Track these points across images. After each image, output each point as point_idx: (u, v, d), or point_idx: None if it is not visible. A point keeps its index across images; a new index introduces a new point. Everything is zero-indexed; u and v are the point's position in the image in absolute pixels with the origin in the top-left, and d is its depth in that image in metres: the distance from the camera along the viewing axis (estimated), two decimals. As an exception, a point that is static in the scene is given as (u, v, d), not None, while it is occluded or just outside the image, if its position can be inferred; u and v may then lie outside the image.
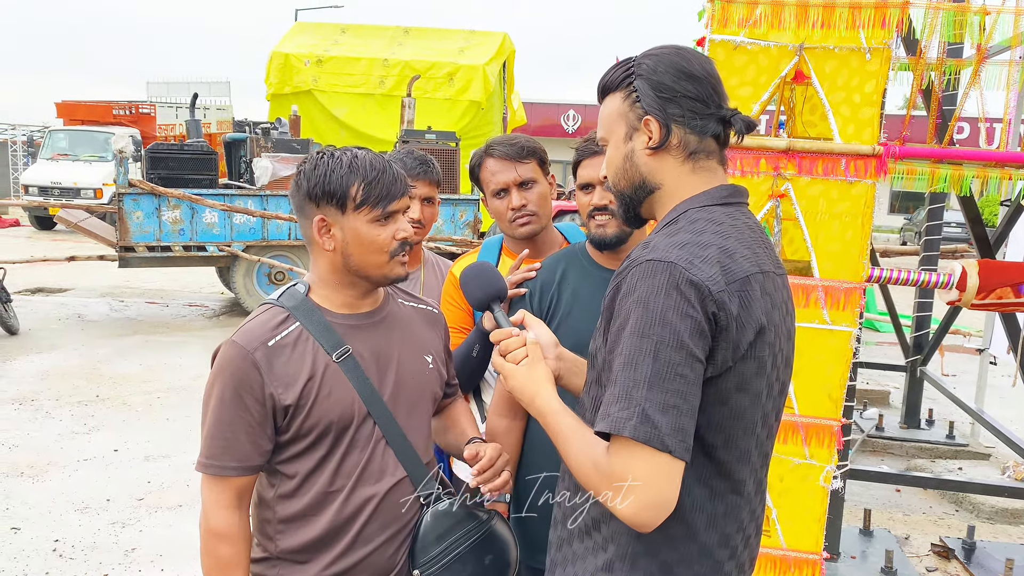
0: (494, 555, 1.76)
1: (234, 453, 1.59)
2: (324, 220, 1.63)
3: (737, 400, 1.29)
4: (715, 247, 1.28)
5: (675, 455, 1.20)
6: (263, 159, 9.61)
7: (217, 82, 22.51)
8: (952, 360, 7.70)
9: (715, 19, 2.72)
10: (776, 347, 1.33)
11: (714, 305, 1.23)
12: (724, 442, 1.30)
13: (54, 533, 4.12)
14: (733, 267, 1.27)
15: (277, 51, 13.89)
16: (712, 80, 1.38)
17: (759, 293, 1.29)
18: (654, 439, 1.19)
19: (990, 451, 5.78)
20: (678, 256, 1.25)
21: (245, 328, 1.64)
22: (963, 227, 16.86)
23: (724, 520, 1.35)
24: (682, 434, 1.21)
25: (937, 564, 4.12)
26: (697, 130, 1.37)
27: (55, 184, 16.59)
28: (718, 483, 1.33)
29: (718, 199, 1.38)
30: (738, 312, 1.25)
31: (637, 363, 1.22)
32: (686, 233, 1.30)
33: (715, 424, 1.29)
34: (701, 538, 1.33)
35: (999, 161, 2.93)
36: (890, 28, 2.64)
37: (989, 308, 3.14)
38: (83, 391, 6.56)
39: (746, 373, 1.28)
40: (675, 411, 1.20)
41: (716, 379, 1.27)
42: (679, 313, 1.21)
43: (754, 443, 1.35)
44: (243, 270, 9.46)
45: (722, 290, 1.24)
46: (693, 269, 1.23)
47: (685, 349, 1.21)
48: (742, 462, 1.34)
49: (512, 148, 2.19)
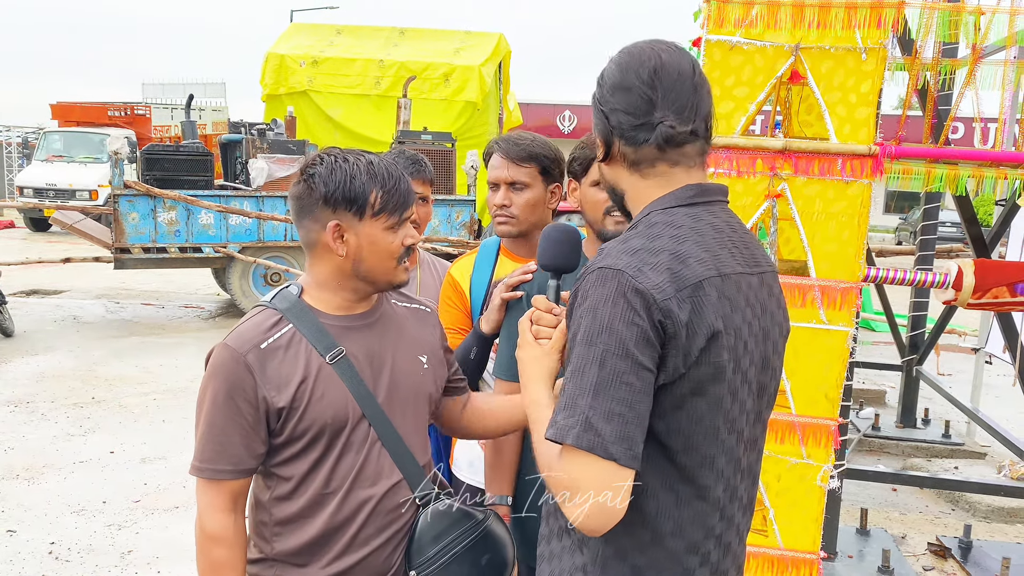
0: (491, 555, 1.75)
1: (228, 456, 1.59)
2: (339, 226, 1.61)
3: (693, 405, 1.28)
4: (667, 252, 1.28)
5: (620, 463, 1.20)
6: (259, 160, 9.59)
7: (212, 83, 22.50)
8: (948, 359, 7.72)
9: (711, 19, 2.72)
10: (739, 350, 1.31)
11: (660, 313, 1.23)
12: (684, 447, 1.29)
13: (50, 536, 4.11)
14: (685, 273, 1.26)
15: (273, 52, 13.87)
16: (643, 87, 1.34)
17: (715, 298, 1.28)
18: (597, 447, 1.20)
19: (986, 450, 5.79)
20: (627, 263, 1.25)
21: (238, 331, 1.63)
22: (958, 226, 16.90)
23: (691, 526, 1.33)
24: (628, 442, 1.20)
25: (934, 563, 4.13)
26: (630, 142, 1.37)
27: (50, 186, 16.55)
28: (682, 488, 1.32)
29: (683, 200, 1.36)
30: (688, 318, 1.24)
31: (584, 371, 1.23)
32: (640, 239, 1.31)
33: (674, 430, 1.28)
34: (668, 544, 1.32)
35: (994, 161, 2.94)
36: (886, 28, 2.64)
37: (985, 308, 3.15)
38: (79, 393, 6.54)
39: (701, 378, 1.27)
40: (620, 419, 1.20)
41: (670, 385, 1.26)
42: (625, 321, 1.22)
43: (719, 449, 1.33)
44: (239, 271, 9.45)
45: (668, 298, 1.23)
46: (640, 277, 1.24)
47: (631, 357, 1.21)
48: (705, 467, 1.32)
49: (514, 148, 2.19)
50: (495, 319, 2.06)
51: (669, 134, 1.34)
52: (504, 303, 2.04)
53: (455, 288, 2.27)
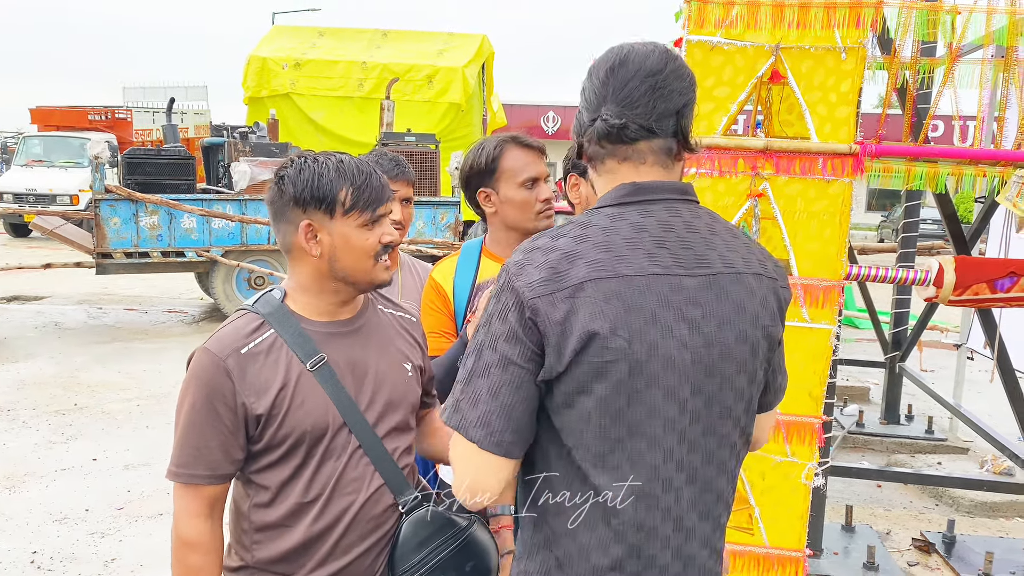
0: (475, 562, 1.74)
1: (205, 461, 1.58)
2: (311, 225, 1.61)
3: (580, 403, 1.27)
4: (560, 252, 1.29)
5: (480, 447, 1.28)
6: (241, 163, 9.54)
7: (194, 86, 22.35)
8: (931, 356, 7.78)
9: (692, 20, 2.73)
10: (639, 353, 1.26)
11: (530, 311, 1.26)
12: (575, 444, 1.30)
13: (32, 544, 4.07)
14: (569, 272, 1.26)
15: (255, 55, 13.81)
16: (599, 84, 1.36)
17: (598, 299, 1.25)
18: (461, 428, 1.30)
19: (969, 445, 5.84)
20: (516, 261, 1.32)
21: (218, 335, 1.62)
22: (939, 224, 17.03)
23: (599, 525, 1.31)
24: (488, 428, 1.28)
25: (918, 558, 4.15)
26: (587, 137, 1.39)
27: (30, 191, 16.38)
28: (581, 486, 1.31)
29: (612, 200, 1.35)
30: (563, 318, 1.25)
31: (467, 359, 1.33)
32: (547, 237, 1.34)
33: (565, 427, 1.30)
34: (579, 538, 1.33)
35: (973, 158, 2.96)
36: (865, 28, 2.66)
37: (966, 304, 3.18)
38: (60, 400, 6.48)
39: (582, 377, 1.26)
40: (483, 406, 1.28)
41: (555, 382, 1.28)
42: (500, 317, 1.29)
43: (612, 449, 1.28)
44: (222, 275, 9.39)
45: (537, 296, 1.26)
46: (521, 275, 1.29)
47: (499, 352, 1.28)
48: (596, 467, 1.29)
49: (537, 143, 2.22)
50: None
51: (602, 128, 1.35)
52: None
53: (438, 291, 2.25)
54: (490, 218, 2.25)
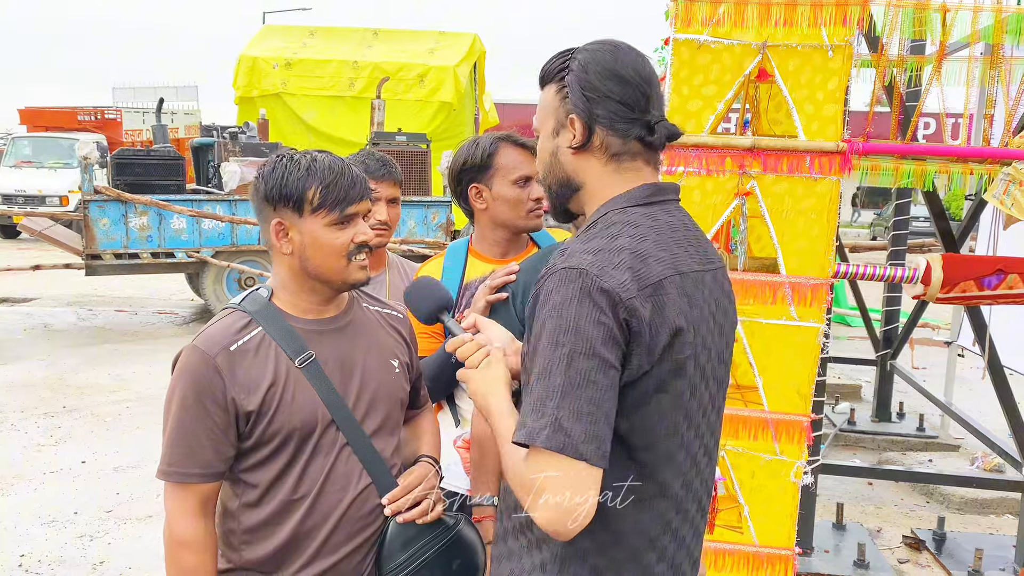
0: (461, 560, 1.74)
1: (197, 460, 1.57)
2: (281, 223, 1.61)
3: (657, 401, 1.28)
4: (628, 252, 1.27)
5: (591, 463, 1.20)
6: (231, 163, 9.50)
7: (184, 86, 22.28)
8: (921, 353, 7.79)
9: (679, 18, 2.72)
10: (699, 346, 1.32)
11: (625, 312, 1.23)
12: (646, 445, 1.30)
13: (20, 548, 4.04)
14: (645, 272, 1.26)
15: (245, 54, 13.77)
16: (641, 83, 1.35)
17: (675, 295, 1.28)
18: (568, 448, 1.19)
19: (959, 443, 5.86)
20: (590, 263, 1.25)
21: (207, 333, 1.62)
22: (930, 221, 17.09)
23: (651, 524, 1.33)
24: (597, 441, 1.21)
25: (909, 556, 4.16)
26: (620, 133, 1.36)
27: (19, 192, 16.28)
28: (642, 487, 1.31)
29: (639, 199, 1.36)
30: (651, 317, 1.25)
31: (551, 372, 1.22)
32: (601, 239, 1.30)
33: (636, 427, 1.28)
34: (628, 542, 1.32)
35: (960, 156, 2.97)
36: (851, 25, 2.66)
37: (954, 301, 3.18)
38: (49, 402, 6.44)
39: (663, 375, 1.28)
40: (589, 418, 1.20)
41: (634, 383, 1.27)
42: (591, 321, 1.22)
43: (678, 444, 1.33)
44: (213, 276, 9.35)
45: (633, 296, 1.24)
46: (604, 276, 1.23)
47: (598, 356, 1.21)
48: (665, 464, 1.32)
49: (530, 143, 2.21)
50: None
51: (674, 132, 1.37)
52: (489, 305, 2.03)
53: None
54: (479, 215, 2.24)
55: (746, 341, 2.76)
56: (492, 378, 1.43)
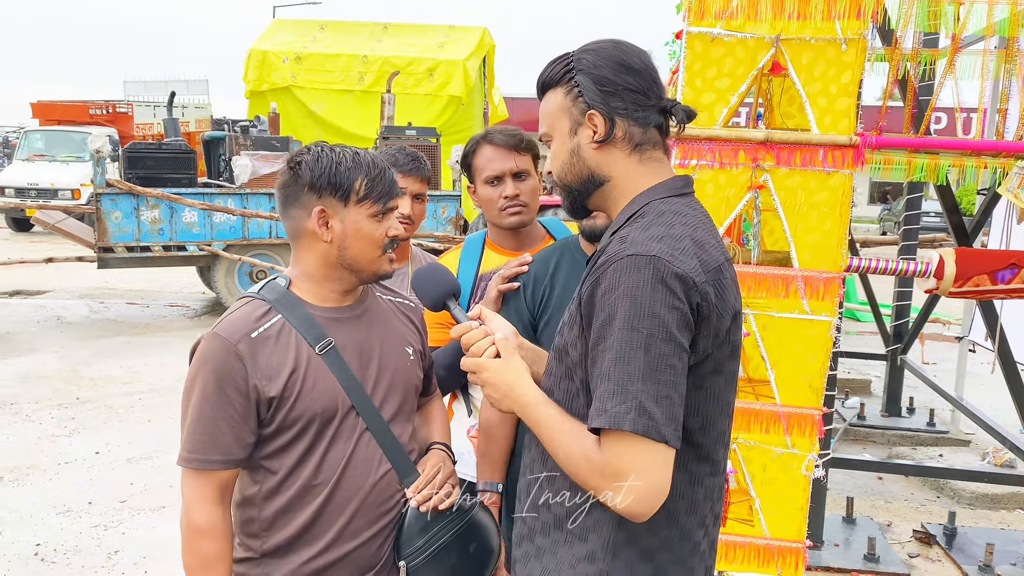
0: (478, 543, 1.78)
1: (217, 446, 1.58)
2: (324, 211, 1.63)
3: (713, 383, 1.33)
4: (688, 239, 1.31)
5: (670, 444, 1.24)
6: (242, 157, 9.54)
7: (195, 80, 22.31)
8: (932, 348, 7.78)
9: (692, 11, 2.72)
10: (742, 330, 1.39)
11: (698, 296, 1.27)
12: (702, 425, 1.34)
13: (36, 537, 4.08)
14: (707, 258, 1.31)
15: (256, 48, 13.80)
16: (651, 72, 1.40)
17: (730, 280, 1.35)
18: (652, 431, 1.22)
19: (970, 437, 5.85)
20: (659, 249, 1.27)
21: (227, 320, 1.63)
22: (941, 216, 17.00)
23: (703, 502, 1.38)
24: (676, 423, 1.25)
25: (919, 550, 4.16)
26: (640, 122, 1.39)
27: (32, 185, 16.38)
28: (697, 467, 1.36)
29: (675, 190, 1.40)
30: (716, 301, 1.30)
31: (629, 357, 1.24)
32: (658, 226, 1.32)
33: (693, 409, 1.32)
34: (682, 522, 1.36)
35: (974, 150, 2.96)
36: (865, 19, 2.65)
37: (967, 296, 3.18)
38: (63, 394, 6.49)
39: (721, 357, 1.33)
40: (668, 401, 1.24)
41: (696, 366, 1.31)
42: (667, 306, 1.24)
43: (727, 424, 1.40)
44: (224, 269, 9.40)
45: (704, 281, 1.28)
46: (676, 262, 1.26)
47: (674, 341, 1.24)
48: (719, 443, 1.38)
49: (512, 138, 2.22)
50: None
51: (690, 112, 1.40)
52: (501, 294, 2.05)
53: None
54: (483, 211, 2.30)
55: (759, 335, 2.77)
56: (515, 368, 1.44)
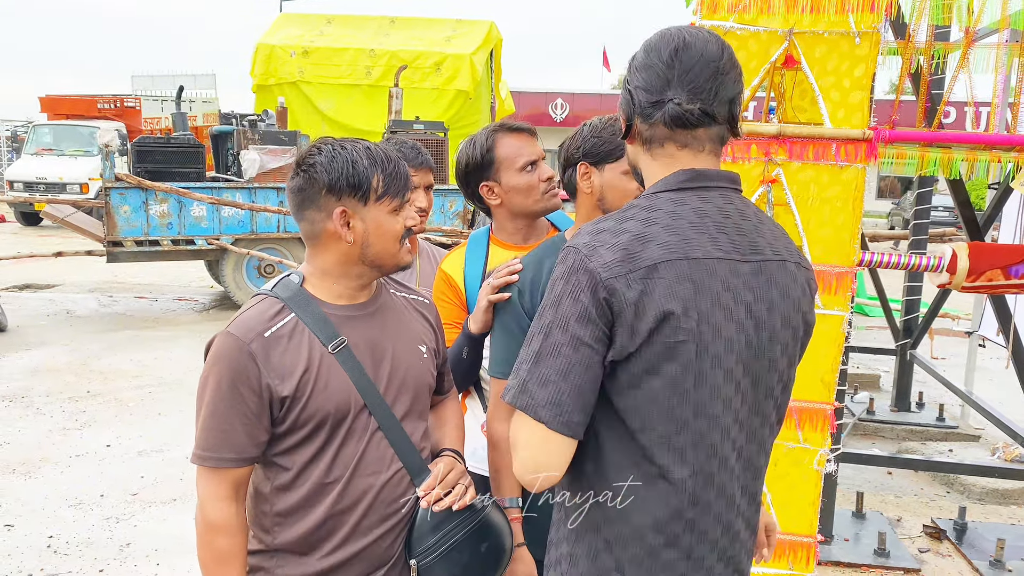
0: (489, 543, 1.76)
1: (231, 445, 1.59)
2: (346, 212, 1.62)
3: (649, 384, 1.30)
4: (631, 234, 1.31)
5: (549, 427, 1.29)
6: (250, 151, 9.55)
7: (203, 74, 22.32)
8: (941, 343, 7.76)
9: (704, 5, 2.71)
10: (706, 334, 1.29)
11: (604, 291, 1.27)
12: (641, 426, 1.32)
13: (48, 529, 4.11)
14: (642, 254, 1.29)
15: (263, 43, 13.80)
16: (662, 67, 1.36)
17: (671, 279, 1.28)
18: (529, 409, 1.30)
19: (980, 432, 5.83)
20: (584, 243, 1.32)
21: (241, 319, 1.63)
22: (950, 211, 16.91)
23: (655, 505, 1.34)
24: (558, 408, 1.29)
25: (929, 545, 4.16)
26: (645, 119, 1.39)
27: (40, 179, 16.45)
28: (645, 466, 1.34)
29: (672, 185, 1.37)
30: (638, 298, 1.27)
31: (531, 340, 1.34)
32: (611, 220, 1.35)
33: (631, 408, 1.31)
34: (633, 519, 1.35)
35: (988, 144, 2.94)
36: (879, 12, 2.64)
37: (979, 290, 3.16)
38: (74, 387, 6.53)
39: (653, 358, 1.28)
40: (553, 386, 1.29)
41: (624, 363, 1.30)
42: (571, 297, 1.30)
43: (683, 431, 1.31)
44: (232, 263, 9.42)
45: (614, 276, 1.27)
46: (593, 256, 1.30)
47: (570, 331, 1.29)
48: (663, 447, 1.32)
49: (524, 126, 2.21)
50: (483, 320, 2.02)
51: (675, 112, 1.35)
52: (491, 305, 2.01)
53: (448, 283, 2.24)
54: (495, 210, 2.22)
55: (770, 329, 2.76)
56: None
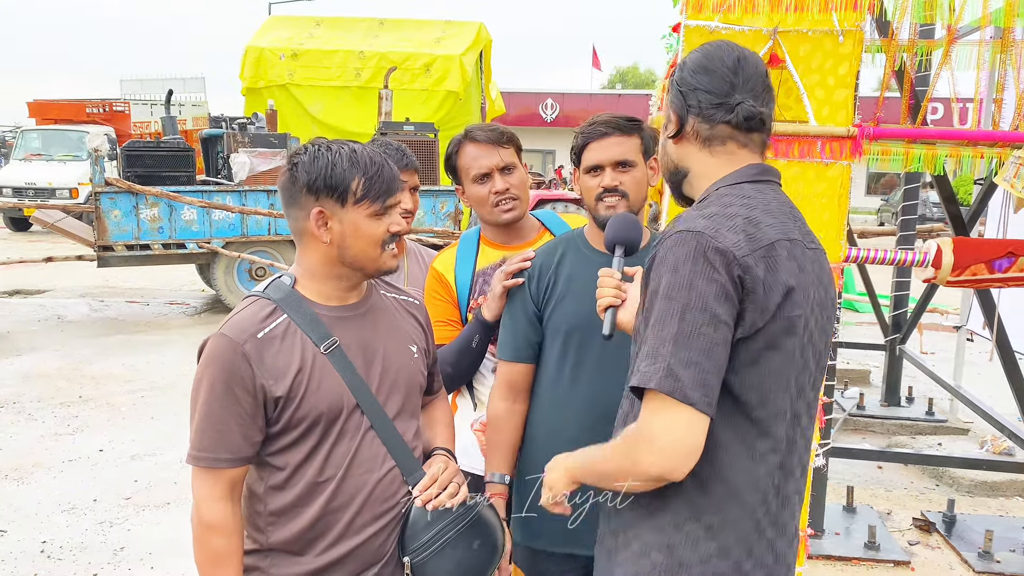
0: (482, 540, 1.78)
1: (226, 445, 1.60)
2: (323, 212, 1.63)
3: (768, 358, 1.36)
4: (741, 217, 1.38)
5: (697, 408, 1.29)
6: (240, 154, 9.54)
7: (192, 78, 22.27)
8: (930, 338, 7.81)
9: (689, 4, 2.73)
10: (807, 310, 1.40)
11: (739, 269, 1.32)
12: (760, 400, 1.37)
13: (41, 535, 4.11)
14: (758, 235, 1.37)
15: (252, 45, 13.79)
16: (726, 72, 1.48)
17: (786, 257, 1.38)
18: (677, 392, 1.29)
19: (968, 426, 5.88)
20: (704, 226, 1.36)
21: (233, 320, 1.64)
22: (938, 207, 17.04)
23: (764, 479, 1.41)
24: (705, 389, 1.30)
25: (919, 538, 4.19)
26: (707, 119, 1.49)
27: (29, 185, 16.36)
28: (757, 442, 1.39)
29: (747, 177, 1.48)
30: (764, 275, 1.34)
31: (664, 323, 1.33)
32: (714, 206, 1.41)
33: (749, 384, 1.36)
34: (744, 498, 1.40)
35: (971, 140, 2.98)
36: (862, 10, 2.67)
37: (964, 285, 3.20)
38: (65, 392, 6.51)
39: (776, 332, 1.36)
40: (697, 367, 1.30)
41: (747, 340, 1.35)
42: (705, 278, 1.31)
43: (789, 402, 1.41)
44: (224, 267, 9.41)
45: (747, 255, 1.33)
46: (719, 237, 1.34)
47: (709, 311, 1.31)
48: (778, 420, 1.40)
49: (493, 133, 2.21)
50: (497, 307, 2.10)
51: (750, 112, 1.46)
52: (506, 290, 2.07)
53: (440, 281, 2.28)
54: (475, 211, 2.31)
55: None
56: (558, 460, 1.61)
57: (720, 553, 1.39)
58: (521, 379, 2.06)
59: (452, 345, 2.17)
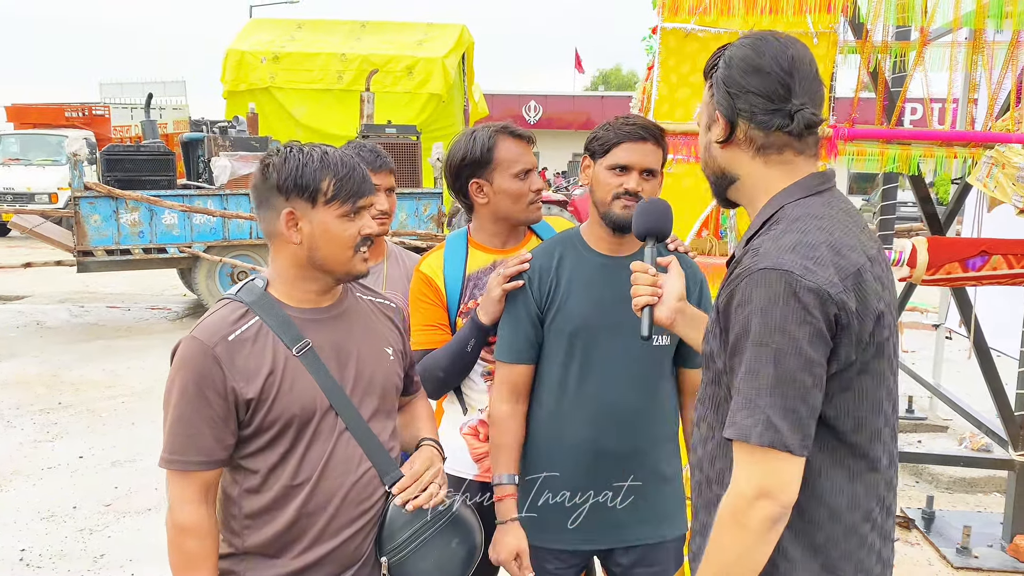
0: (459, 539, 1.79)
1: (198, 448, 1.60)
2: (293, 213, 1.63)
3: (860, 383, 1.33)
4: (824, 245, 1.30)
5: (794, 453, 1.27)
6: (221, 158, 9.49)
7: (172, 81, 22.12)
8: (910, 336, 7.87)
9: (666, 7, 2.76)
10: (892, 325, 1.36)
11: (835, 307, 1.27)
12: (855, 426, 1.35)
13: (20, 542, 4.07)
14: (844, 264, 1.29)
15: (233, 48, 13.72)
16: (781, 74, 1.37)
17: (871, 281, 1.32)
18: (777, 443, 1.26)
19: (947, 423, 5.93)
20: (791, 262, 1.27)
21: (204, 323, 1.65)
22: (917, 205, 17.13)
23: (865, 497, 1.38)
24: (802, 434, 1.27)
25: (898, 534, 4.23)
26: (762, 126, 1.39)
27: (7, 190, 16.20)
28: (854, 463, 1.37)
29: (811, 189, 1.39)
30: (856, 307, 1.29)
31: (758, 371, 1.28)
32: (792, 234, 1.32)
33: (843, 411, 1.33)
34: (845, 518, 1.37)
35: (944, 140, 3.02)
36: (836, 13, 2.70)
37: (940, 283, 3.24)
38: (44, 399, 6.45)
39: (867, 358, 1.32)
40: (794, 415, 1.26)
41: (841, 372, 1.31)
42: (797, 321, 1.25)
43: (883, 420, 1.38)
44: (205, 271, 9.35)
45: (840, 291, 1.27)
46: (808, 275, 1.26)
47: (804, 355, 1.26)
48: (875, 440, 1.37)
49: (526, 133, 2.22)
50: (495, 310, 2.08)
51: (812, 120, 1.37)
52: (504, 293, 2.06)
53: (429, 284, 2.25)
54: (479, 209, 2.24)
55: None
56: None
57: (825, 569, 1.37)
58: (523, 380, 2.07)
59: (445, 349, 2.16)
